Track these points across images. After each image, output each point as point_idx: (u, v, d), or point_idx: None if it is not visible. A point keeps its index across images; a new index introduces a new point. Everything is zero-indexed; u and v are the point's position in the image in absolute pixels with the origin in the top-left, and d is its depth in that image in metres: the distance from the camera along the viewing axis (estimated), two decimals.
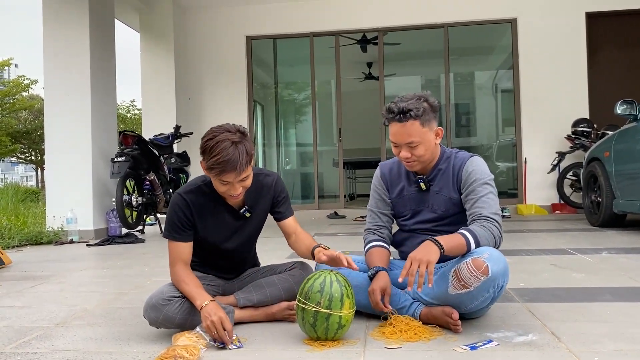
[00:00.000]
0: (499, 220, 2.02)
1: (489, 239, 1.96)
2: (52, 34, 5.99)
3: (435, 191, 2.18)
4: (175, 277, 2.05)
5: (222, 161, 1.90)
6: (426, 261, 1.82)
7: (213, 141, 1.93)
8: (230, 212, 2.16)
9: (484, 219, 2.01)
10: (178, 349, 1.74)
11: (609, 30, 7.83)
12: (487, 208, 2.03)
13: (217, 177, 1.96)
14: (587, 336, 1.88)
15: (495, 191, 2.10)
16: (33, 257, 4.58)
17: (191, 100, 8.31)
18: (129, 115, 27.51)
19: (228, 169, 1.92)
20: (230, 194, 2.01)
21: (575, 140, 7.24)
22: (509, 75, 8.33)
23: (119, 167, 5.51)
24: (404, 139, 2.07)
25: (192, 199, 2.09)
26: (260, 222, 2.26)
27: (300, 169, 10.06)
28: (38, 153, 28.97)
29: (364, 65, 10.89)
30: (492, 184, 2.11)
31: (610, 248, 4.01)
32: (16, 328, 2.24)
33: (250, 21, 8.37)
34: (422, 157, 2.11)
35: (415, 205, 2.24)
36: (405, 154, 2.09)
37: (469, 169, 2.11)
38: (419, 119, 2.04)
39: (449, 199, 2.16)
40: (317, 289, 1.86)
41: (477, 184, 2.08)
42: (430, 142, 2.10)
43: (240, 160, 1.92)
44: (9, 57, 26.83)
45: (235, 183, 1.97)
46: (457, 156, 2.18)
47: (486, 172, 2.12)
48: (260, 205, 2.20)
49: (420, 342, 1.85)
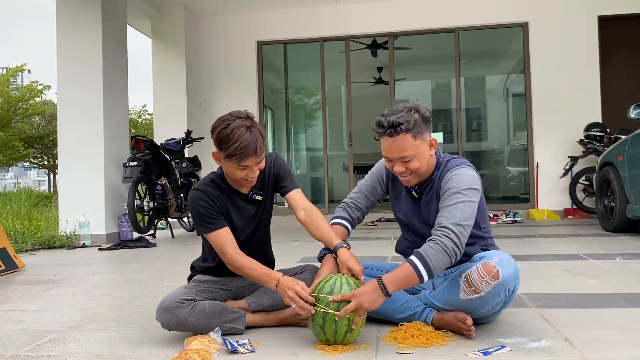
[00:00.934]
0: (456, 231, 1.87)
1: (440, 259, 1.84)
2: (66, 41, 6.06)
3: (426, 201, 2.13)
4: (234, 265, 2.06)
5: (243, 146, 1.94)
6: (366, 308, 1.83)
7: (228, 129, 1.96)
8: (243, 199, 2.19)
9: (439, 231, 1.90)
10: (190, 352, 1.75)
11: (621, 34, 7.77)
12: (449, 218, 1.90)
13: (238, 164, 1.99)
14: (601, 342, 1.86)
15: (469, 200, 1.94)
16: (46, 261, 4.62)
17: (202, 105, 8.36)
18: (140, 120, 27.75)
19: (250, 153, 1.96)
20: (249, 177, 2.05)
21: (587, 144, 7.18)
22: (520, 80, 8.29)
23: (131, 171, 5.55)
24: (396, 153, 2.00)
25: (209, 191, 2.12)
26: (270, 204, 2.28)
27: (310, 173, 10.07)
28: (51, 158, 29.28)
29: (375, 70, 10.89)
30: (468, 193, 1.94)
31: (624, 253, 3.96)
32: (30, 331, 2.26)
33: (261, 27, 8.41)
34: (417, 171, 2.03)
35: (408, 209, 2.20)
36: (400, 168, 2.03)
37: (448, 178, 2.01)
38: (410, 132, 1.95)
39: (436, 210, 2.05)
40: (327, 290, 1.86)
41: (449, 193, 1.96)
42: (424, 154, 2.02)
43: (259, 143, 1.98)
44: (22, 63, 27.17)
45: (254, 166, 2.02)
46: (447, 165, 2.08)
47: (464, 182, 1.97)
48: (266, 185, 2.23)
49: (433, 347, 1.84)
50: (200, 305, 2.03)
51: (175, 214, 6.37)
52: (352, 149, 8.48)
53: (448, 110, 9.38)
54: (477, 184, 2.01)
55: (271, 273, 2.00)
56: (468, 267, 1.94)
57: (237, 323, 2.08)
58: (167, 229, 6.79)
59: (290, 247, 4.64)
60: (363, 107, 9.17)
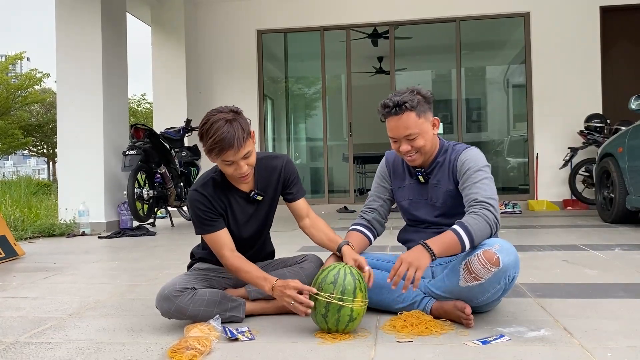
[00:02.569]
0: (493, 204, 1.97)
1: (482, 228, 1.91)
2: (65, 28, 6.02)
3: (434, 184, 2.19)
4: (231, 268, 2.06)
5: (219, 140, 1.90)
6: (416, 265, 1.84)
7: (207, 124, 1.94)
8: (243, 197, 2.17)
9: (478, 204, 1.97)
10: (190, 340, 1.75)
11: (623, 25, 7.73)
12: (481, 192, 1.99)
13: (218, 158, 1.96)
14: (600, 332, 1.87)
15: (490, 177, 2.07)
16: (46, 249, 4.62)
17: (202, 94, 8.33)
18: (139, 109, 27.66)
19: (226, 147, 1.91)
20: (238, 173, 2.00)
21: (587, 135, 7.17)
22: (521, 70, 8.27)
23: (131, 160, 5.54)
24: (401, 132, 2.08)
25: (207, 192, 2.10)
26: (273, 206, 2.26)
27: (310, 163, 10.06)
28: (50, 146, 29.24)
29: (375, 60, 10.84)
30: (487, 170, 2.08)
31: (622, 244, 3.97)
32: (30, 318, 2.27)
33: (261, 15, 8.37)
34: (422, 149, 2.11)
35: (414, 196, 2.25)
36: (405, 147, 2.10)
37: (463, 158, 2.11)
38: (414, 110, 2.05)
39: (446, 191, 2.16)
40: (330, 280, 1.87)
41: (472, 171, 2.06)
42: (428, 132, 2.11)
43: (237, 136, 1.91)
44: (21, 51, 27.04)
45: (239, 161, 1.97)
46: (455, 149, 2.18)
47: (481, 160, 2.10)
48: (271, 187, 2.21)
49: (432, 336, 1.85)
50: (200, 293, 2.03)
51: (174, 203, 6.37)
52: (352, 139, 8.47)
53: (448, 101, 9.37)
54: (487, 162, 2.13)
55: (267, 277, 1.99)
56: (469, 254, 1.94)
57: (237, 311, 2.08)
58: (166, 218, 6.80)
59: (290, 235, 4.65)
60: (363, 97, 9.14)
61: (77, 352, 1.81)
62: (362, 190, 11.17)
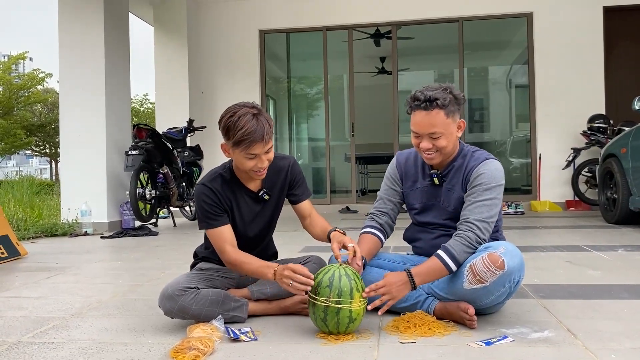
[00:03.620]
0: (480, 227, 1.97)
1: (464, 249, 1.95)
2: (68, 28, 6.03)
3: (448, 188, 2.15)
4: (232, 262, 2.06)
5: (250, 132, 1.93)
6: (393, 296, 1.90)
7: (235, 117, 1.96)
8: (250, 196, 2.18)
9: (464, 225, 1.99)
10: (193, 340, 1.75)
11: (627, 25, 7.71)
12: (476, 213, 1.99)
13: (245, 151, 1.97)
14: (603, 333, 1.86)
15: (497, 198, 2.03)
16: (48, 249, 4.63)
17: (204, 94, 8.33)
18: (142, 109, 27.67)
19: (257, 139, 1.94)
20: (259, 168, 2.02)
21: (590, 136, 7.16)
22: (523, 70, 8.25)
23: (133, 160, 5.55)
24: (427, 128, 2.03)
25: (215, 186, 2.11)
26: (279, 206, 2.27)
27: (312, 163, 10.05)
28: (52, 146, 29.26)
29: (377, 60, 10.83)
30: (498, 191, 2.04)
31: (626, 245, 3.96)
32: (33, 318, 2.27)
33: (263, 15, 8.37)
34: (444, 149, 2.06)
35: (427, 199, 2.21)
36: (427, 145, 2.05)
37: (480, 171, 2.05)
38: (444, 108, 2.00)
39: (459, 198, 2.11)
40: (325, 283, 1.86)
41: (481, 188, 2.02)
42: (452, 134, 2.06)
43: (266, 129, 1.96)
44: (24, 51, 27.06)
45: (262, 155, 2.00)
46: (474, 155, 2.12)
47: (496, 178, 2.04)
48: (278, 187, 2.22)
49: (435, 337, 1.84)
50: (203, 293, 2.03)
51: (177, 203, 6.37)
52: (354, 139, 8.46)
53: None
54: (503, 178, 2.09)
55: (269, 264, 2.00)
56: (473, 256, 1.94)
57: (240, 311, 2.08)
58: (169, 218, 6.80)
59: (291, 236, 4.65)
60: (365, 98, 9.15)
61: (80, 352, 1.81)
62: (364, 190, 11.16)
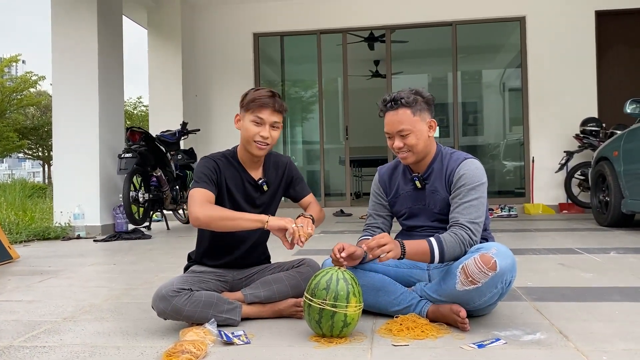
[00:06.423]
0: (472, 228, 2.01)
1: (455, 247, 1.98)
2: (61, 31, 6.01)
3: (431, 190, 2.18)
4: (211, 218, 2.02)
5: (263, 95, 2.10)
6: (391, 248, 1.90)
7: (254, 88, 2.16)
8: (249, 182, 2.23)
9: (457, 226, 2.02)
10: (186, 344, 1.74)
11: (619, 29, 7.77)
12: (465, 215, 2.03)
13: (254, 114, 2.10)
14: (595, 335, 1.87)
15: (483, 197, 2.07)
16: (41, 252, 4.60)
17: (198, 97, 8.32)
18: (135, 112, 27.59)
19: (268, 103, 2.10)
20: (261, 137, 2.10)
21: (583, 139, 7.20)
22: (517, 74, 8.30)
23: (126, 163, 5.53)
24: (395, 126, 2.11)
25: (219, 163, 2.19)
26: (274, 202, 2.32)
27: (306, 166, 10.06)
28: (45, 149, 29.13)
29: (371, 63, 10.86)
30: (482, 189, 2.08)
31: (618, 248, 3.98)
32: (25, 322, 2.26)
33: (257, 18, 8.37)
34: (414, 148, 2.12)
35: (412, 204, 2.24)
36: (398, 144, 2.13)
37: (461, 172, 2.09)
38: (410, 107, 2.09)
39: (443, 199, 2.15)
40: (323, 286, 1.86)
41: (466, 188, 2.06)
42: (422, 132, 2.12)
43: (278, 102, 2.12)
44: (16, 54, 26.96)
45: (267, 125, 2.10)
46: (452, 157, 2.17)
47: (477, 176, 2.08)
48: (276, 181, 2.29)
49: (428, 340, 1.85)
50: (197, 295, 2.03)
51: (170, 206, 6.35)
52: (348, 142, 8.47)
53: (444, 105, 9.37)
54: (485, 175, 2.13)
55: (259, 215, 2.05)
56: (465, 258, 1.94)
57: (233, 314, 2.08)
58: (162, 221, 6.78)
59: None
60: (360, 101, 9.14)
61: (72, 356, 1.80)
62: (358, 193, 11.17)
